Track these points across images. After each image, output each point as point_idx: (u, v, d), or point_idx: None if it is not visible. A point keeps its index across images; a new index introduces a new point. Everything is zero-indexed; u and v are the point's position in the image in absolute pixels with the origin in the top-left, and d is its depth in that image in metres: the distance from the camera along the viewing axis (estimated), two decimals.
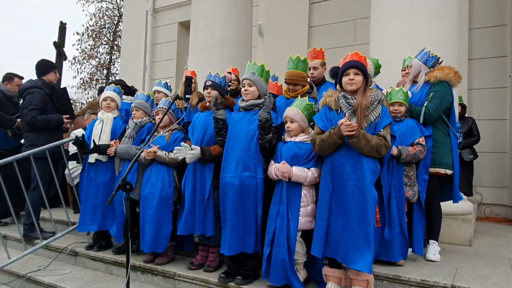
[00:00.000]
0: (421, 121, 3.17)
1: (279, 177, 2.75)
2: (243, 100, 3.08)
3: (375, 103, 2.58)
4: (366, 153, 2.50)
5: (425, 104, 3.17)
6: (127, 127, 3.83)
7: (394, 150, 2.95)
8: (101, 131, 3.89)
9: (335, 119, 2.61)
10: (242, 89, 3.05)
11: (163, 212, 3.33)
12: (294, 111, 2.85)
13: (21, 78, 5.24)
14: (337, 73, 2.74)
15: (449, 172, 3.22)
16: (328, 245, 2.57)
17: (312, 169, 2.75)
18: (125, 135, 3.75)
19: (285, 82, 3.21)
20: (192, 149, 3.09)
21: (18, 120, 4.84)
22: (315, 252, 2.59)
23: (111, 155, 3.73)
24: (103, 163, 3.84)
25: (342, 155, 2.57)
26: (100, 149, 3.77)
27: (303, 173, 2.71)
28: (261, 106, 2.99)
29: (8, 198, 3.74)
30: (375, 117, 2.58)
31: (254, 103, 3.01)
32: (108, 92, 4.02)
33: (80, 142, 3.91)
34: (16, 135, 4.95)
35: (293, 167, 2.70)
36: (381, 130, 2.57)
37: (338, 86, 2.79)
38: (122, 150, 3.65)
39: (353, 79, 2.61)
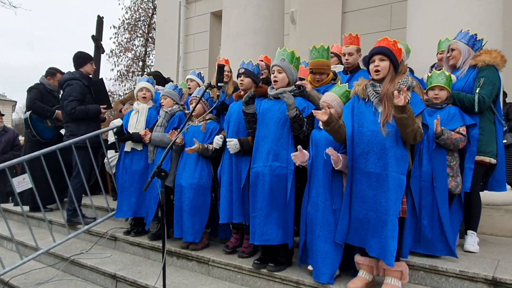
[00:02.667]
0: (476, 110, 2.97)
1: (300, 164, 2.73)
2: (272, 88, 3.05)
3: None
4: (405, 134, 2.36)
5: (477, 91, 2.97)
6: (159, 116, 3.91)
7: (438, 127, 2.81)
8: (137, 121, 4.00)
9: (362, 108, 2.53)
10: (272, 76, 3.02)
11: (200, 202, 3.38)
12: (332, 97, 2.76)
13: (63, 74, 5.41)
14: None
15: (493, 161, 3.05)
16: (351, 232, 2.54)
17: None
18: (156, 124, 3.84)
19: (311, 72, 3.16)
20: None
21: (58, 111, 5.05)
22: (338, 238, 2.58)
23: (146, 142, 3.84)
24: (137, 151, 3.95)
25: (367, 143, 2.47)
26: (133, 137, 3.90)
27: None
28: (292, 94, 2.95)
29: (52, 185, 3.92)
30: None
31: (283, 91, 2.96)
32: (143, 83, 4.11)
33: (120, 132, 4.02)
34: (56, 126, 5.16)
35: (341, 155, 2.60)
36: None
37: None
38: (157, 138, 3.75)
39: (378, 66, 2.49)
